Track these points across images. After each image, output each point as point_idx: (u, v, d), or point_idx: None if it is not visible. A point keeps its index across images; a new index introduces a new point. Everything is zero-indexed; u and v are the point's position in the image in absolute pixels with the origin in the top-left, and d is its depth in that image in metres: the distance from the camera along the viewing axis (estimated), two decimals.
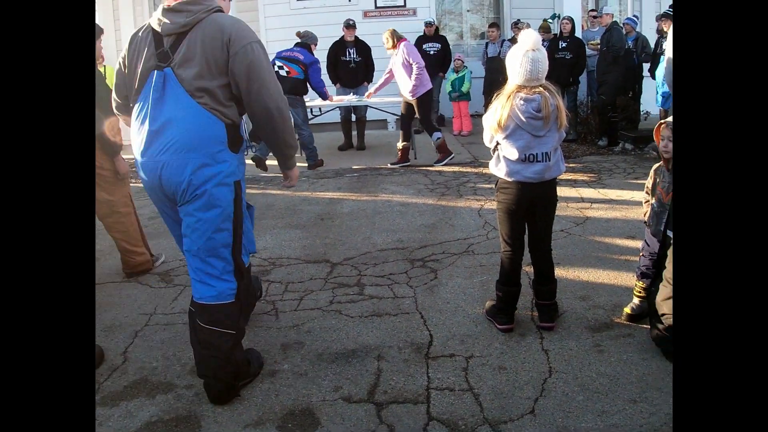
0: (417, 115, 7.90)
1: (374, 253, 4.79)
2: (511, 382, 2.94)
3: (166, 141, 2.76)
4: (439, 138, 8.01)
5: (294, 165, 3.21)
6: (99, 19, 13.02)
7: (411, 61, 7.60)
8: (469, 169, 7.70)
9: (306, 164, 8.36)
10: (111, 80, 11.57)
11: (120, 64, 3.00)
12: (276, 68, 7.91)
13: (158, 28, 2.82)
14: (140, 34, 2.91)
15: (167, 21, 2.80)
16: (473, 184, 6.83)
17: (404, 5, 11.50)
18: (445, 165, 7.96)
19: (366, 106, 9.35)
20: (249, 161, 8.32)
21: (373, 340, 3.42)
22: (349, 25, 9.70)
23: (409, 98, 7.77)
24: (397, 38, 7.76)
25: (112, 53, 12.33)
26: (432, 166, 7.94)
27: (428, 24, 10.66)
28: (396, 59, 7.77)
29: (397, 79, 7.85)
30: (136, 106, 2.86)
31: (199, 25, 2.79)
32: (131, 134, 2.91)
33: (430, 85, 7.89)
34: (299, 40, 8.49)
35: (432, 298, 3.92)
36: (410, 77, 7.60)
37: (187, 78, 2.76)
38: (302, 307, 3.90)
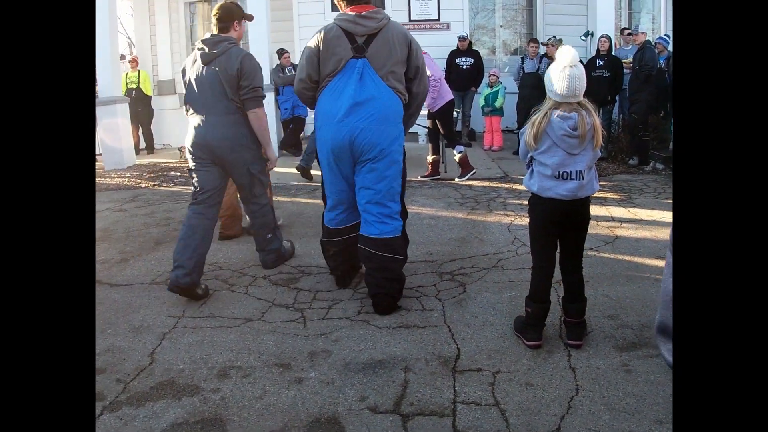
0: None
1: None
2: (538, 398, 2.93)
3: (368, 112, 3.80)
4: (461, 152, 7.93)
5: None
6: (136, 27, 13.29)
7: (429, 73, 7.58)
8: (499, 184, 7.69)
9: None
10: (145, 83, 11.85)
11: (312, 55, 3.93)
12: None
13: (351, 29, 3.85)
14: (329, 35, 3.87)
15: (361, 25, 3.85)
16: (503, 199, 6.82)
17: (438, 19, 11.57)
18: (468, 180, 7.92)
19: None
20: (293, 170, 8.41)
21: (400, 351, 3.43)
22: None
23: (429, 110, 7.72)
24: None
25: (146, 58, 12.57)
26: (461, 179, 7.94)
27: (461, 38, 10.70)
28: None
29: None
30: (331, 84, 3.90)
31: (387, 28, 3.88)
32: (320, 105, 3.98)
33: (449, 97, 7.75)
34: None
35: (460, 311, 3.92)
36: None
37: (379, 66, 3.84)
38: (330, 316, 3.93)
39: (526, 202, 6.33)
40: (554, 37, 10.42)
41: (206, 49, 4.33)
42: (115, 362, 3.47)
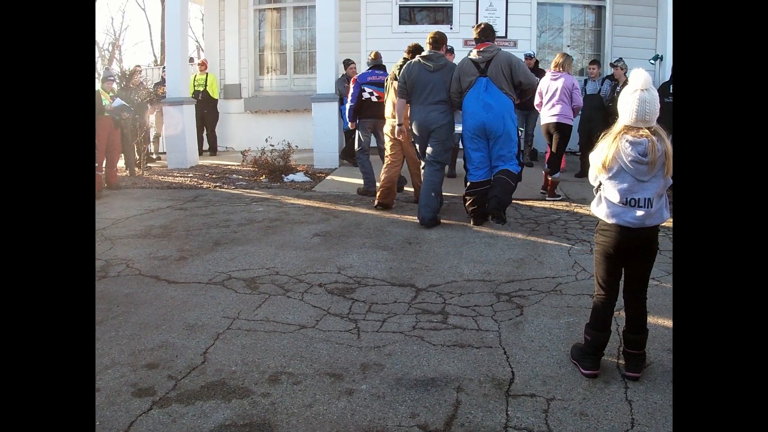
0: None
1: (460, 283, 4.75)
2: (592, 429, 2.85)
3: (495, 112, 6.26)
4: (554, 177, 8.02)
5: None
6: (206, 31, 13.57)
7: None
8: (560, 207, 7.57)
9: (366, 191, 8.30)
10: (212, 86, 12.07)
11: (456, 77, 6.49)
12: (366, 95, 8.03)
13: (476, 59, 6.41)
14: (463, 64, 6.52)
15: (481, 57, 6.39)
16: (564, 222, 6.70)
17: (505, 36, 11.49)
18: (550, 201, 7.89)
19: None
20: (353, 180, 8.43)
21: (453, 370, 3.38)
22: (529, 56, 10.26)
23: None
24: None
25: (215, 62, 12.82)
26: (523, 200, 7.83)
27: (528, 57, 10.58)
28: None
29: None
30: (470, 93, 6.38)
31: (497, 56, 6.36)
32: (465, 105, 6.45)
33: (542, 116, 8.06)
34: (374, 62, 8.39)
35: (516, 334, 3.85)
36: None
37: (496, 81, 6.31)
38: (384, 329, 3.91)
39: (587, 226, 6.25)
40: (621, 59, 10.25)
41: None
42: (168, 358, 3.52)
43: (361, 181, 8.31)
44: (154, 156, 11.95)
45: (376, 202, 7.32)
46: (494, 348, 3.66)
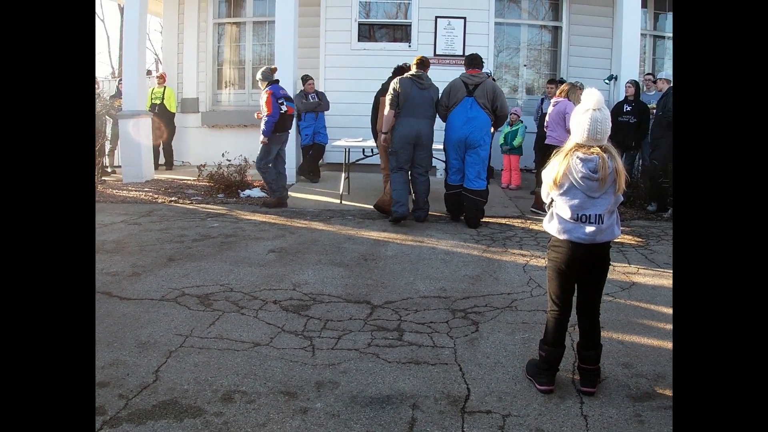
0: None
1: (416, 299, 4.75)
2: None
3: (475, 124, 7.25)
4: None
5: None
6: (164, 44, 13.46)
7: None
8: (516, 223, 7.65)
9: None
10: (170, 100, 11.94)
11: (445, 94, 7.49)
12: (284, 108, 8.24)
13: (467, 81, 7.36)
14: (455, 84, 7.47)
15: (471, 80, 7.36)
16: (519, 239, 6.77)
17: (462, 55, 11.60)
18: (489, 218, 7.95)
19: None
20: (310, 197, 8.39)
21: (409, 387, 3.37)
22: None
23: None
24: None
25: (172, 75, 12.70)
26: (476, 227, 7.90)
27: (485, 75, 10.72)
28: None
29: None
30: (456, 109, 7.34)
31: (484, 82, 7.37)
32: (450, 119, 7.43)
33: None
34: (273, 78, 8.51)
35: (472, 350, 3.85)
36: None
37: (480, 101, 7.29)
38: (340, 347, 3.87)
39: (542, 242, 6.31)
40: (578, 82, 10.44)
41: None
42: (119, 377, 3.44)
43: (318, 197, 8.30)
44: (109, 170, 11.75)
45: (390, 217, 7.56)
46: (450, 365, 3.65)
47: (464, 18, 11.65)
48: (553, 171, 3.21)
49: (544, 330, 3.44)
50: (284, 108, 8.22)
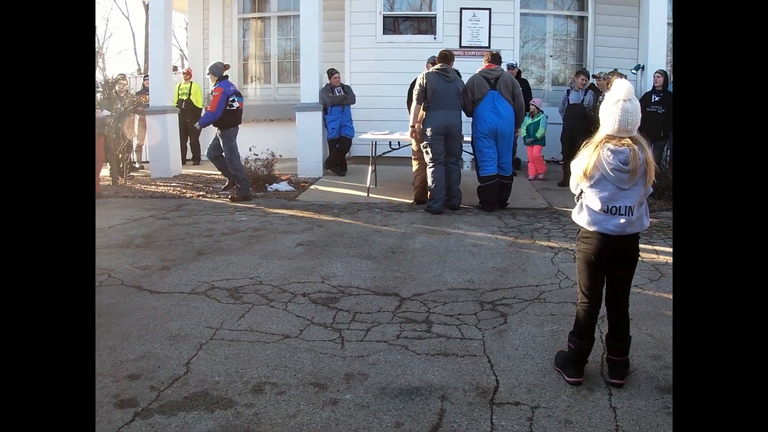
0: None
1: (444, 292, 4.76)
2: None
3: (504, 115, 7.69)
4: None
5: None
6: (190, 40, 13.56)
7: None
8: (543, 215, 7.61)
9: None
10: (197, 95, 12.03)
11: (468, 89, 7.78)
12: (236, 104, 8.58)
13: (486, 76, 7.73)
14: (477, 79, 7.78)
15: (491, 75, 7.73)
16: (547, 231, 6.73)
17: (488, 46, 11.54)
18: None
19: None
20: (338, 190, 8.42)
21: (438, 379, 3.38)
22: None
23: None
24: None
25: (198, 71, 12.78)
26: (506, 208, 7.88)
27: (511, 66, 10.63)
28: None
29: None
30: (482, 103, 7.66)
31: (502, 75, 7.80)
32: (477, 112, 7.74)
33: None
34: (226, 74, 8.80)
35: (500, 342, 3.86)
36: None
37: (504, 94, 7.68)
38: (369, 339, 3.90)
39: (570, 234, 6.28)
40: (603, 71, 10.34)
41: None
42: (151, 369, 3.49)
43: (345, 191, 8.34)
44: (137, 165, 11.88)
45: (414, 201, 8.26)
46: (478, 356, 3.66)
47: (489, 9, 11.60)
48: (583, 162, 3.19)
49: (574, 322, 3.43)
50: (236, 104, 8.56)
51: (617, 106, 3.11)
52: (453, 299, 4.57)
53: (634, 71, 10.80)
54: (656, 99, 9.21)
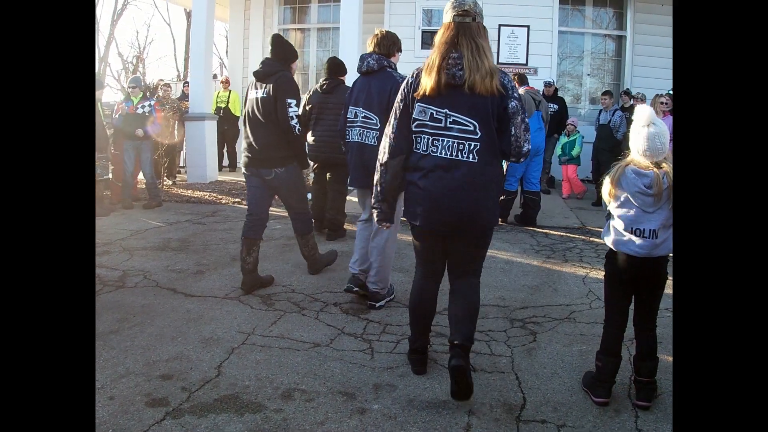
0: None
1: None
2: None
3: (541, 135, 8.23)
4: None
5: None
6: (230, 48, 13.76)
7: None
8: (576, 235, 7.58)
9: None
10: (235, 103, 12.20)
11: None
12: None
13: (535, 98, 8.16)
14: (528, 99, 7.79)
15: (537, 97, 8.28)
16: (579, 250, 6.72)
17: (526, 63, 11.57)
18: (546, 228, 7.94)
19: None
20: None
21: None
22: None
23: None
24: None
25: (237, 80, 12.95)
26: (540, 227, 7.87)
27: (548, 84, 10.67)
28: None
29: None
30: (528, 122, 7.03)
31: (542, 100, 8.53)
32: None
33: None
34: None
35: (529, 360, 3.87)
36: None
37: (543, 115, 8.42)
38: (398, 350, 3.94)
39: (602, 255, 6.24)
40: (628, 90, 10.31)
41: None
42: (182, 370, 3.57)
43: None
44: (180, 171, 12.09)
45: None
46: (506, 373, 3.68)
47: (528, 26, 11.62)
48: (609, 183, 3.23)
49: (601, 339, 3.44)
50: None
51: (643, 131, 3.15)
52: (483, 315, 4.57)
53: (672, 92, 10.73)
54: None
